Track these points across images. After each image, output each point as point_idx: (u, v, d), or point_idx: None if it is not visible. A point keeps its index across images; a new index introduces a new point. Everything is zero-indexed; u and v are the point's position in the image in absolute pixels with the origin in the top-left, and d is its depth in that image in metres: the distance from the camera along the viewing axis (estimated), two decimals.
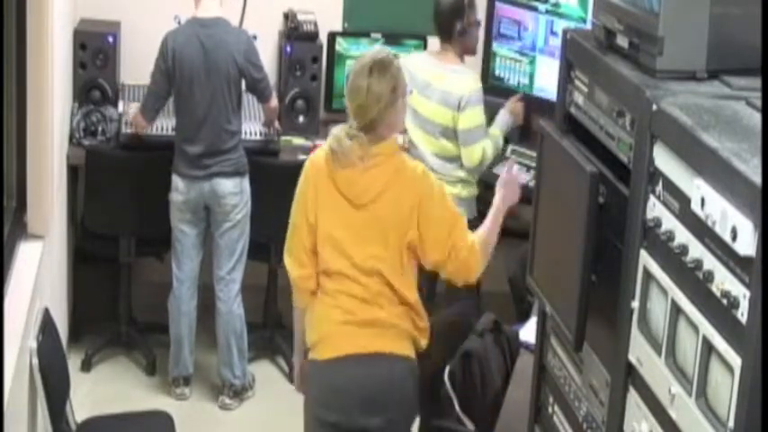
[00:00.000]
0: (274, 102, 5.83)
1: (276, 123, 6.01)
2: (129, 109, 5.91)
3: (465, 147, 5.48)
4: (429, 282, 5.91)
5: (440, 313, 5.30)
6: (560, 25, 5.67)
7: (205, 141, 5.56)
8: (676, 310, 2.59)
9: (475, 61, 5.95)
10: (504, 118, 5.76)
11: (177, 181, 5.63)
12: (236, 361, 5.80)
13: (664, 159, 2.70)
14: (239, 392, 5.86)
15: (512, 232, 6.38)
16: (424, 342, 4.09)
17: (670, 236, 2.62)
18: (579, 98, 3.29)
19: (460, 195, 5.56)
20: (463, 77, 5.48)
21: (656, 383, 2.69)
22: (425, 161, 5.62)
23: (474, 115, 5.45)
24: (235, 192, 5.61)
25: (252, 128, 5.97)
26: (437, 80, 5.48)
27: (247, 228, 5.72)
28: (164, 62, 5.54)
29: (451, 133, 5.50)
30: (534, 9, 6.06)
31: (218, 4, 5.65)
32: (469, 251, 3.98)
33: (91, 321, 6.23)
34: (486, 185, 5.92)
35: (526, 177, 5.85)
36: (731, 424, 2.30)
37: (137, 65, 6.10)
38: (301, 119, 6.30)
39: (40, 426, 4.37)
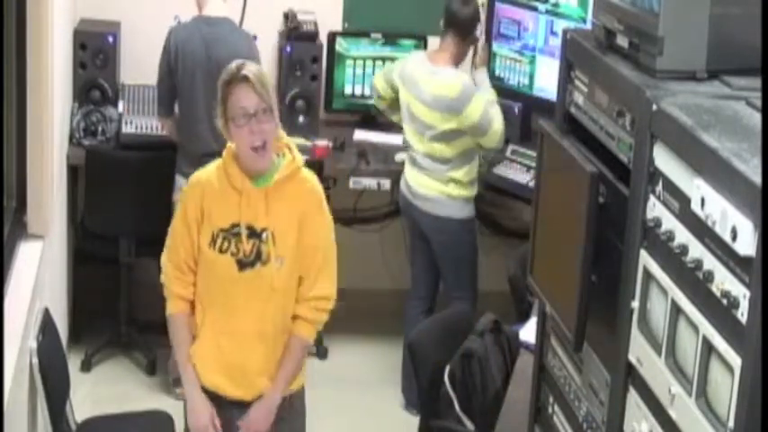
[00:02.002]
0: None
1: None
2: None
3: (483, 136, 5.46)
4: (432, 282, 5.92)
5: (439, 313, 5.31)
6: (560, 25, 5.67)
7: (206, 140, 5.56)
8: (676, 310, 2.59)
9: None
10: (481, 76, 5.74)
11: (181, 181, 5.62)
12: None
13: (664, 159, 2.70)
14: None
15: (512, 232, 6.42)
16: None
17: (670, 236, 2.62)
18: (579, 98, 3.29)
19: (451, 195, 5.58)
20: (449, 78, 5.47)
21: (656, 383, 2.69)
22: (416, 160, 5.62)
23: (476, 106, 5.42)
24: None
25: None
26: (424, 82, 5.51)
27: None
28: (167, 57, 5.55)
29: (440, 136, 5.48)
30: (534, 9, 6.06)
31: (223, 4, 5.63)
32: None
33: (91, 321, 6.23)
34: (486, 185, 5.94)
35: (526, 177, 5.86)
36: (731, 424, 2.30)
37: (137, 65, 6.10)
38: (301, 119, 6.29)
39: (40, 426, 4.37)
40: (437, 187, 5.57)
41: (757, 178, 2.23)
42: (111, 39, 6.06)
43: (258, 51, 5.62)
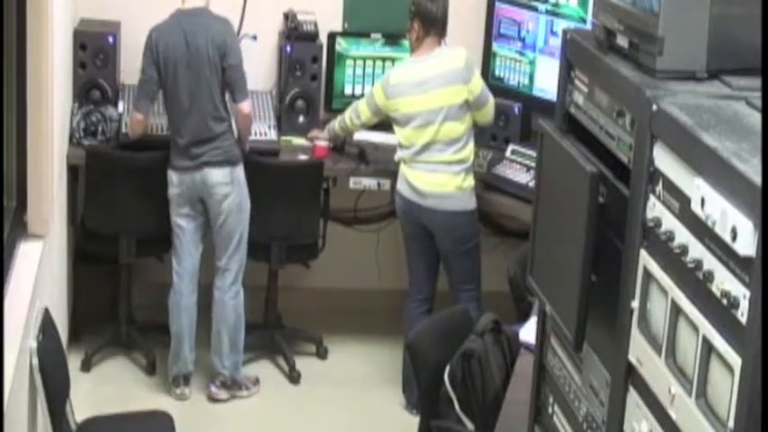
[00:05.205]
0: (248, 107, 5.68)
1: (246, 145, 5.83)
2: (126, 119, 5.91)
3: (482, 108, 5.68)
4: (432, 283, 5.92)
5: (439, 313, 5.31)
6: (560, 25, 5.68)
7: (192, 130, 5.57)
8: (676, 310, 2.59)
9: (475, 61, 5.95)
10: None
11: (171, 175, 5.65)
12: (225, 351, 5.79)
13: (664, 159, 2.70)
14: (228, 385, 5.85)
15: (512, 232, 6.42)
16: None
17: (670, 236, 2.62)
18: (579, 98, 3.29)
19: (462, 186, 5.64)
20: (452, 51, 5.66)
21: (656, 383, 2.69)
22: (421, 159, 5.63)
23: (478, 77, 5.70)
24: (225, 182, 5.61)
25: (253, 128, 5.96)
26: (428, 68, 5.61)
27: (244, 217, 5.70)
28: (150, 53, 5.59)
29: (453, 113, 5.58)
30: (534, 9, 6.06)
31: None
32: None
33: (91, 321, 6.24)
34: (485, 185, 5.94)
35: (526, 177, 5.86)
36: (731, 424, 2.30)
37: (137, 65, 6.09)
38: (301, 119, 6.30)
39: (40, 426, 4.37)
40: (451, 182, 5.62)
41: (757, 178, 2.23)
42: (111, 39, 6.07)
43: (236, 36, 5.65)
